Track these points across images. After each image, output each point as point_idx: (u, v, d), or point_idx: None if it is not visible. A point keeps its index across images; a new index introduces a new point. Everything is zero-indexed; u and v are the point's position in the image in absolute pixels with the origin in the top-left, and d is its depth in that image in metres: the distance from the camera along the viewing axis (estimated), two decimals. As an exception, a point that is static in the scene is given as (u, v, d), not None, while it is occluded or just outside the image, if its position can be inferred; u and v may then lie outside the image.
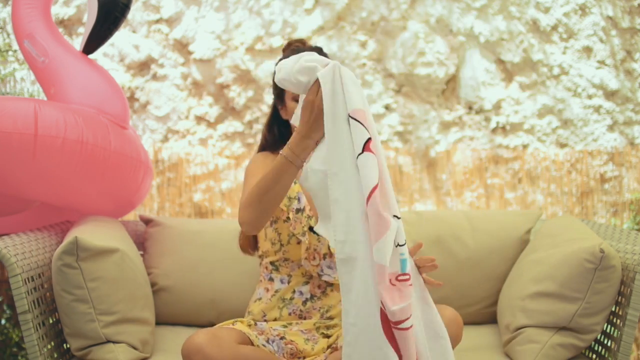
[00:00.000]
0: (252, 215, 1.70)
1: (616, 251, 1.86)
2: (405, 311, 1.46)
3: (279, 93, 1.92)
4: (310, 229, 1.86)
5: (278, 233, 1.89)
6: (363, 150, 1.48)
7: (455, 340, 1.67)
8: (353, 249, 1.49)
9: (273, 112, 1.99)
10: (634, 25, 3.18)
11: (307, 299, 1.88)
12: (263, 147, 2.02)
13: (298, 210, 1.88)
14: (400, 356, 1.47)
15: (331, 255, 1.88)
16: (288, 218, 1.88)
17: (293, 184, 1.91)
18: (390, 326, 1.47)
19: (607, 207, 3.15)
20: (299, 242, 1.87)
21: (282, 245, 1.89)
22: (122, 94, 2.24)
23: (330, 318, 1.88)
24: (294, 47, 1.95)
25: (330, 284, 1.89)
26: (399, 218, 1.50)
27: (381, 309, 1.46)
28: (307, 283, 1.88)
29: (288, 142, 1.64)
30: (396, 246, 1.48)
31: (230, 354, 1.61)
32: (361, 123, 1.50)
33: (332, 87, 1.53)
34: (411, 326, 1.47)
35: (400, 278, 1.48)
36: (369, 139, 1.49)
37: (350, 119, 1.51)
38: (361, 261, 1.48)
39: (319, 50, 1.89)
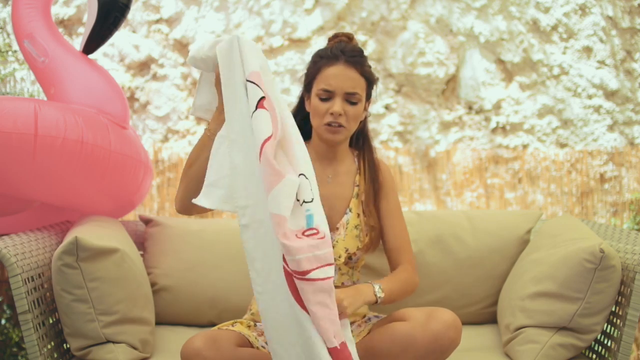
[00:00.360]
0: (179, 191, 1.77)
1: (616, 251, 1.86)
2: (311, 261, 1.48)
3: (308, 84, 1.87)
4: None
5: None
6: (257, 108, 1.55)
7: (453, 345, 1.66)
8: (256, 212, 1.55)
9: (299, 103, 1.95)
10: (634, 25, 3.18)
11: None
12: None
13: None
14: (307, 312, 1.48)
15: None
16: None
17: None
18: (294, 281, 1.48)
19: (607, 207, 3.15)
20: None
21: None
22: (122, 94, 2.24)
23: None
24: (338, 40, 1.89)
25: None
26: (307, 178, 1.56)
27: (283, 266, 1.49)
28: None
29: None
30: (302, 203, 1.54)
31: (228, 357, 1.61)
32: (256, 84, 1.58)
33: (229, 57, 1.62)
34: (326, 278, 1.49)
35: (307, 233, 1.52)
36: (263, 97, 1.57)
37: (247, 82, 1.58)
38: (267, 221, 1.52)
39: (360, 53, 1.83)
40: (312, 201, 1.56)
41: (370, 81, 1.84)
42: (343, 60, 1.79)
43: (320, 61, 1.82)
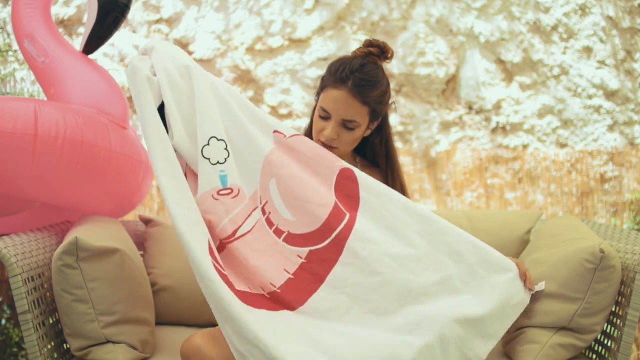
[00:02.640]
0: None
1: (616, 251, 1.86)
2: (234, 221, 1.66)
3: (317, 93, 1.86)
4: None
5: None
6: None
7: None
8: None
9: (315, 107, 1.93)
10: (634, 25, 3.19)
11: None
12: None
13: None
14: (222, 274, 1.61)
15: None
16: None
17: None
18: (214, 252, 1.63)
19: (607, 207, 3.15)
20: None
21: None
22: (122, 94, 2.24)
23: None
24: (366, 52, 1.83)
25: None
26: (219, 139, 1.69)
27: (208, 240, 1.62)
28: None
29: None
30: (215, 164, 1.67)
31: (228, 354, 1.61)
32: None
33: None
34: (246, 232, 1.67)
35: (221, 192, 1.66)
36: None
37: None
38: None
39: (369, 82, 1.78)
40: (225, 162, 1.68)
41: (374, 109, 1.81)
42: (348, 88, 1.76)
43: (329, 78, 1.80)
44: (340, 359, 1.50)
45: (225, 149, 1.70)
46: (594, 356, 1.95)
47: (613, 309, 1.88)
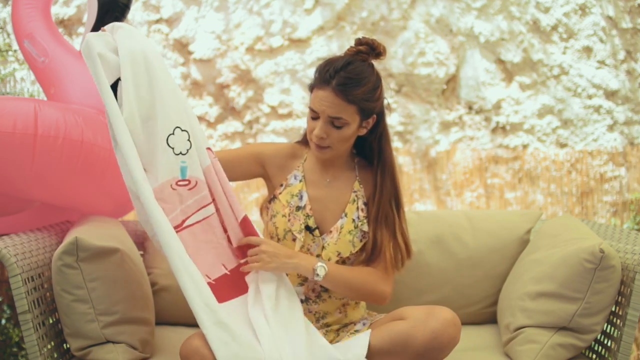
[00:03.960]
0: None
1: (616, 251, 1.86)
2: (185, 212, 1.71)
3: (310, 92, 1.86)
4: (307, 227, 1.86)
5: (275, 227, 1.88)
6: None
7: (452, 343, 1.67)
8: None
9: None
10: (634, 25, 3.19)
11: (302, 300, 1.88)
12: (301, 139, 2.00)
13: (298, 208, 1.88)
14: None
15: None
16: (287, 214, 1.88)
17: (298, 182, 1.91)
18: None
19: (607, 207, 3.15)
20: (294, 239, 1.87)
21: (278, 239, 1.88)
22: (122, 94, 2.24)
23: (327, 325, 1.88)
24: (355, 50, 1.83)
25: (325, 289, 1.89)
26: (183, 130, 1.71)
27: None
28: (301, 285, 1.88)
29: None
30: (178, 154, 1.70)
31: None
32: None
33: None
34: (195, 222, 1.72)
35: (180, 183, 1.71)
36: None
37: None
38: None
39: (353, 80, 1.77)
40: (187, 153, 1.71)
41: (363, 107, 1.79)
42: (332, 87, 1.75)
43: (316, 79, 1.80)
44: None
45: (188, 140, 1.72)
46: (594, 356, 1.95)
47: (613, 309, 1.88)
